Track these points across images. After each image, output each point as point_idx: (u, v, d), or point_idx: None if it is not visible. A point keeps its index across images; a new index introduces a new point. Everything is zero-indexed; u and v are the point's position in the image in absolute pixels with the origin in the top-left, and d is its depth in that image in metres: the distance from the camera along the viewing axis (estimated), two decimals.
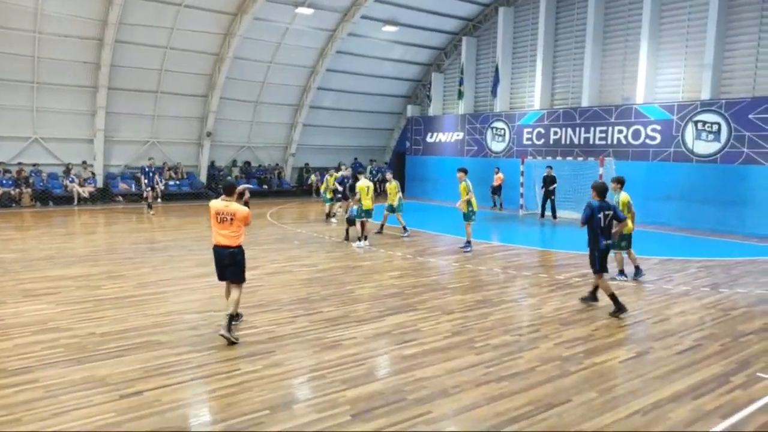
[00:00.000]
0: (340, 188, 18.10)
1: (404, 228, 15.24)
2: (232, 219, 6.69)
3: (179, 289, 9.17)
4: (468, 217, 12.95)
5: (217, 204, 6.80)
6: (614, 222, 8.39)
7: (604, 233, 8.22)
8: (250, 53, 23.31)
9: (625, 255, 10.41)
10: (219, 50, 22.70)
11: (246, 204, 7.09)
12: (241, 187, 7.08)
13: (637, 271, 10.40)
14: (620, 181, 10.23)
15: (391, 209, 15.38)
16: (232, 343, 6.51)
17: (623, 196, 10.05)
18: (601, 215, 8.17)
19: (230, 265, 6.81)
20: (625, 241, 10.15)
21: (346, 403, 5.12)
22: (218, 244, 6.81)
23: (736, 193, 16.64)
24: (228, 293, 6.97)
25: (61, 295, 8.63)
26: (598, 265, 8.21)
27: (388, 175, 16.01)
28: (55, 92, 20.62)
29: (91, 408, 4.90)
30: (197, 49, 22.28)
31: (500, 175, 22.12)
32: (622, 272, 10.36)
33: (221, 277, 6.99)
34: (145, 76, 22.00)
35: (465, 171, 12.97)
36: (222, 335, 6.53)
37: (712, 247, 14.54)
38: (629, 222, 9.93)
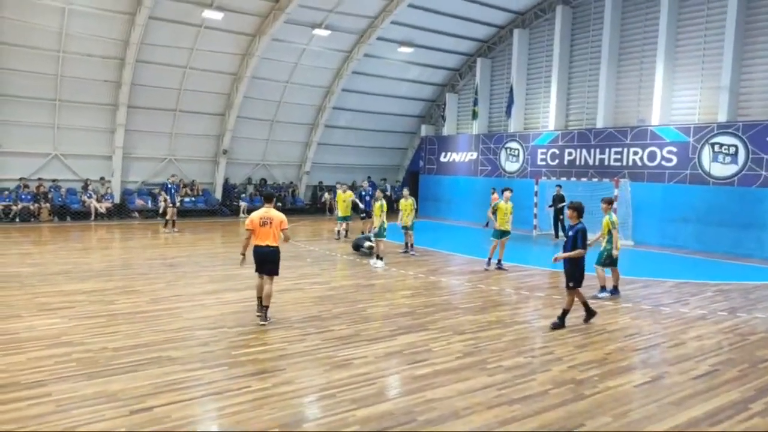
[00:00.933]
0: (361, 205, 17.98)
1: (409, 245, 15.28)
2: (270, 222, 8.16)
3: (192, 305, 9.22)
4: (507, 233, 13.42)
5: (258, 212, 8.30)
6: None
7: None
8: (267, 73, 23.67)
9: (608, 273, 10.77)
10: (237, 70, 23.07)
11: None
12: None
13: (603, 290, 10.65)
14: (610, 202, 10.83)
15: (405, 227, 15.36)
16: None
17: (612, 216, 10.60)
18: None
19: (271, 261, 8.20)
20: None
21: (356, 422, 5.08)
22: (260, 245, 8.16)
23: (753, 216, 16.41)
24: (261, 287, 8.27)
25: (76, 309, 8.71)
26: (579, 281, 8.47)
27: (405, 192, 15.88)
28: (76, 110, 21.03)
29: (102, 423, 4.92)
30: (216, 69, 22.66)
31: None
32: (604, 288, 10.61)
33: (261, 270, 8.27)
34: (165, 95, 22.40)
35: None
36: (262, 324, 8.05)
37: (730, 270, 14.30)
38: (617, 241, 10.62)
